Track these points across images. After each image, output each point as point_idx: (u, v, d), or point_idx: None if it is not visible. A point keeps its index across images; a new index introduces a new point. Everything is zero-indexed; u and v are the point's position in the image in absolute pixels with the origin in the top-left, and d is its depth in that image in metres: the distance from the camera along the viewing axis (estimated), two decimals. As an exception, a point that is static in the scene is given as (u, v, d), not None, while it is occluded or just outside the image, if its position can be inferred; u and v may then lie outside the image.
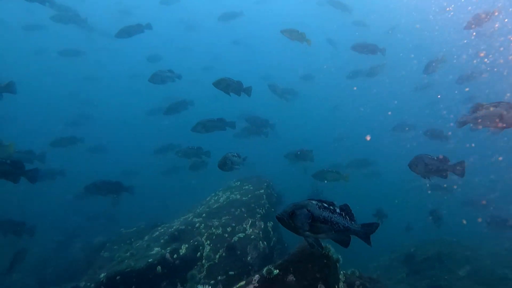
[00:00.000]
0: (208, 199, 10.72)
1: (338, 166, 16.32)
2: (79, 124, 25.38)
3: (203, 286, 5.10)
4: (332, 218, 4.03)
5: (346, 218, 4.15)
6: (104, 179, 10.65)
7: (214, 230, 8.44)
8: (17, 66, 33.46)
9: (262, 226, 9.06)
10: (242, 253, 8.21)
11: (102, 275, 7.55)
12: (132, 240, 10.53)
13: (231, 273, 7.74)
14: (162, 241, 8.24)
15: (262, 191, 10.11)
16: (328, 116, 32.21)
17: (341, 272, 6.04)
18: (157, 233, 8.79)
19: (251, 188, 10.41)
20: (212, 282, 7.52)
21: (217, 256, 7.98)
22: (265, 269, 4.92)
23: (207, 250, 8.01)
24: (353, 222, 4.19)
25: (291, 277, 4.89)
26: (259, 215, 9.16)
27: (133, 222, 12.81)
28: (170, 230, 8.59)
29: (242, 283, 5.17)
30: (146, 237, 8.82)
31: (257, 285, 4.84)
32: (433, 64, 13.23)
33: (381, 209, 10.67)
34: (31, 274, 12.80)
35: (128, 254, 8.08)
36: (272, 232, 9.37)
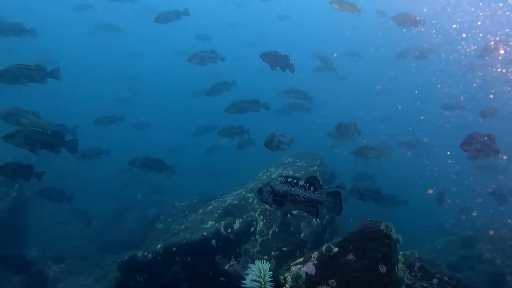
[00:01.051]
0: (260, 175, 10.71)
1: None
2: (125, 101, 26.05)
3: (260, 261, 5.05)
4: (291, 191, 4.48)
5: (309, 189, 4.49)
6: (147, 155, 11.01)
7: (267, 206, 8.41)
8: (68, 45, 34.53)
9: (315, 203, 8.94)
10: (296, 229, 8.16)
11: (159, 246, 7.76)
12: (186, 213, 10.77)
13: (284, 249, 7.72)
14: (216, 215, 8.32)
15: (316, 167, 9.95)
16: (374, 96, 31.06)
17: (400, 252, 5.84)
18: (211, 207, 8.89)
19: (304, 164, 10.27)
20: (265, 257, 7.54)
21: (271, 232, 7.97)
22: (324, 247, 4.82)
23: (261, 226, 8.01)
24: (316, 193, 4.50)
25: (351, 256, 4.76)
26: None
27: (185, 196, 13.10)
28: (223, 204, 8.66)
29: (300, 259, 5.09)
30: (200, 210, 8.96)
31: (316, 262, 4.75)
32: (490, 48, 12.45)
33: (443, 192, 10.23)
34: (92, 241, 13.44)
35: (183, 226, 8.24)
36: (325, 210, 9.24)
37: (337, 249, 4.79)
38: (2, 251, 9.68)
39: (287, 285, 4.78)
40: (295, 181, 4.57)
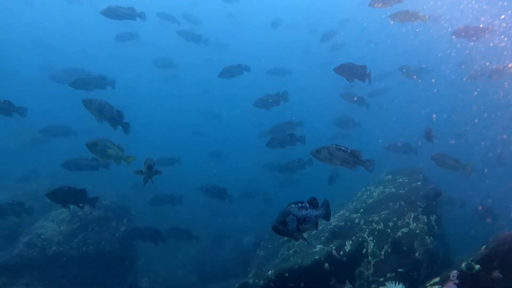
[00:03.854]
0: (359, 194, 10.39)
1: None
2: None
3: (392, 282, 4.81)
4: (308, 214, 4.88)
5: (315, 209, 5.04)
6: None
7: (375, 226, 8.08)
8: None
9: (426, 220, 8.44)
10: (409, 249, 7.73)
11: (270, 272, 7.70)
12: (285, 238, 10.66)
13: (400, 270, 7.32)
14: (323, 238, 8.13)
15: (419, 183, 9.46)
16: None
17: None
18: (315, 231, 8.70)
19: (406, 180, 9.81)
20: (381, 279, 7.18)
21: (383, 253, 7.62)
22: (463, 264, 4.47)
23: (371, 246, 7.68)
24: (319, 210, 5.10)
25: (496, 274, 4.35)
26: (420, 209, 8.56)
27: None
28: (329, 227, 8.45)
29: (436, 279, 4.77)
30: (305, 234, 8.78)
31: (458, 281, 4.40)
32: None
33: None
34: (192, 270, 13.78)
35: (291, 251, 8.14)
36: (436, 227, 8.70)
37: (478, 266, 4.41)
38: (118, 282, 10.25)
39: (427, 307, 4.48)
40: (304, 204, 4.98)
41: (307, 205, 5.02)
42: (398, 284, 4.76)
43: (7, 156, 21.64)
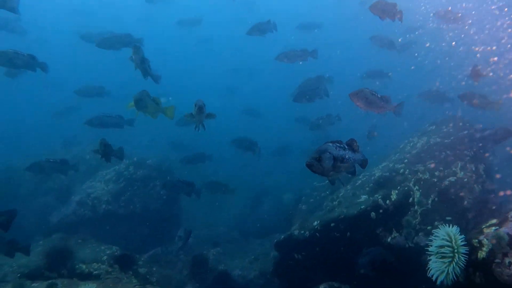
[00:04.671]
0: (401, 146, 10.19)
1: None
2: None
3: (446, 225, 4.75)
4: (346, 155, 4.62)
5: (353, 152, 4.78)
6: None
7: (421, 175, 7.96)
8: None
9: (474, 169, 8.26)
10: (456, 197, 7.61)
11: (315, 222, 7.78)
12: (327, 192, 10.71)
13: (448, 218, 7.23)
14: (367, 188, 8.10)
15: (466, 132, 9.19)
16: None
17: None
18: (359, 182, 8.68)
19: (451, 130, 9.54)
20: (429, 228, 7.14)
21: (429, 202, 7.53)
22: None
23: (418, 196, 7.60)
24: (357, 153, 4.85)
25: (558, 212, 4.23)
26: (468, 158, 8.36)
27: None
28: (372, 178, 8.39)
29: (493, 221, 4.68)
30: (349, 186, 8.79)
31: (517, 221, 4.31)
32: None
33: None
34: (234, 228, 14.13)
35: (335, 202, 8.17)
36: (484, 175, 8.50)
37: (539, 206, 4.28)
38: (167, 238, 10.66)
39: (484, 248, 4.42)
40: (342, 145, 4.72)
41: (346, 147, 4.76)
42: (452, 227, 4.69)
43: (44, 126, 22.30)
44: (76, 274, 7.48)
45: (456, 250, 4.45)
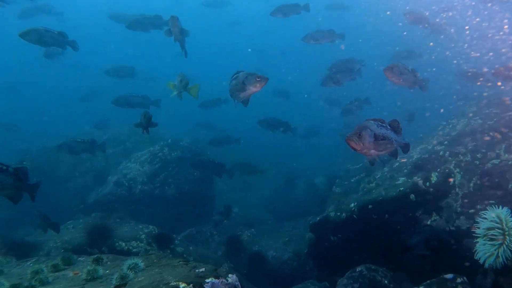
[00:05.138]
0: (440, 128, 9.92)
1: None
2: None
3: (496, 207, 4.59)
4: (387, 134, 4.44)
5: (395, 133, 4.60)
6: None
7: (462, 158, 7.72)
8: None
9: (519, 151, 7.94)
10: (501, 180, 7.34)
11: (353, 204, 7.71)
12: (361, 175, 10.57)
13: (491, 202, 7.00)
14: (405, 171, 7.94)
15: (510, 113, 8.83)
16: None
17: None
18: (397, 164, 8.51)
19: (494, 111, 9.19)
20: (471, 211, 6.94)
21: (471, 184, 7.30)
22: None
23: (459, 178, 7.38)
24: (400, 136, 4.66)
25: None
26: (512, 139, 8.04)
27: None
28: (410, 160, 8.21)
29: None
30: (386, 168, 8.64)
31: None
32: None
33: None
34: (266, 209, 14.20)
35: (372, 185, 8.06)
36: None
37: None
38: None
39: (536, 231, 4.25)
40: (385, 124, 4.55)
41: (388, 126, 4.57)
42: (503, 209, 4.52)
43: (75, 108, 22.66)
44: (116, 251, 7.68)
45: (507, 232, 4.30)
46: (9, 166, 4.84)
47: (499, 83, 10.01)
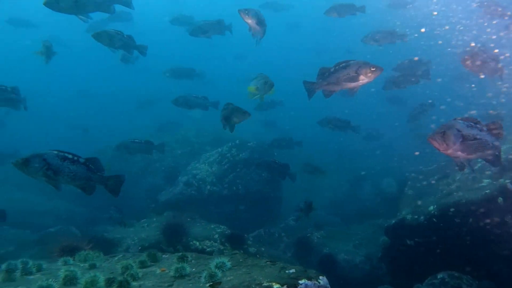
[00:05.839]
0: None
1: None
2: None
3: None
4: (479, 136, 4.02)
5: (491, 135, 4.17)
6: None
7: None
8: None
9: None
10: None
11: (432, 207, 7.36)
12: (436, 176, 10.09)
13: None
14: (488, 172, 7.45)
15: None
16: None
17: None
18: (478, 165, 8.02)
19: None
20: None
21: None
22: None
23: (552, 181, 6.83)
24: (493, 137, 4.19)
25: None
26: None
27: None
28: (495, 161, 7.71)
29: None
30: (466, 170, 8.15)
31: None
32: None
33: None
34: (332, 211, 13.97)
35: (453, 187, 7.66)
36: None
37: None
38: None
39: None
40: (477, 125, 4.17)
41: (483, 127, 4.18)
42: None
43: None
44: (190, 250, 7.85)
45: None
46: (79, 157, 4.91)
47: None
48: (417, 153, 11.74)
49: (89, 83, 28.65)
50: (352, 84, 5.24)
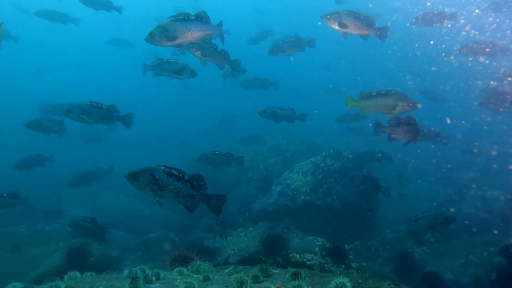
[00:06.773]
0: None
1: None
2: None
3: None
4: None
5: None
6: None
7: None
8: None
9: None
10: None
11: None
12: None
13: None
14: None
15: None
16: None
17: None
18: None
19: None
20: None
21: None
22: None
23: None
24: None
25: None
26: None
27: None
28: None
29: None
30: None
31: None
32: None
33: None
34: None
35: None
36: None
37: None
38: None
39: None
40: None
41: None
42: None
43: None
44: (290, 262, 7.78)
45: None
46: (185, 173, 4.89)
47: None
48: None
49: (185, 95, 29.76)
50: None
